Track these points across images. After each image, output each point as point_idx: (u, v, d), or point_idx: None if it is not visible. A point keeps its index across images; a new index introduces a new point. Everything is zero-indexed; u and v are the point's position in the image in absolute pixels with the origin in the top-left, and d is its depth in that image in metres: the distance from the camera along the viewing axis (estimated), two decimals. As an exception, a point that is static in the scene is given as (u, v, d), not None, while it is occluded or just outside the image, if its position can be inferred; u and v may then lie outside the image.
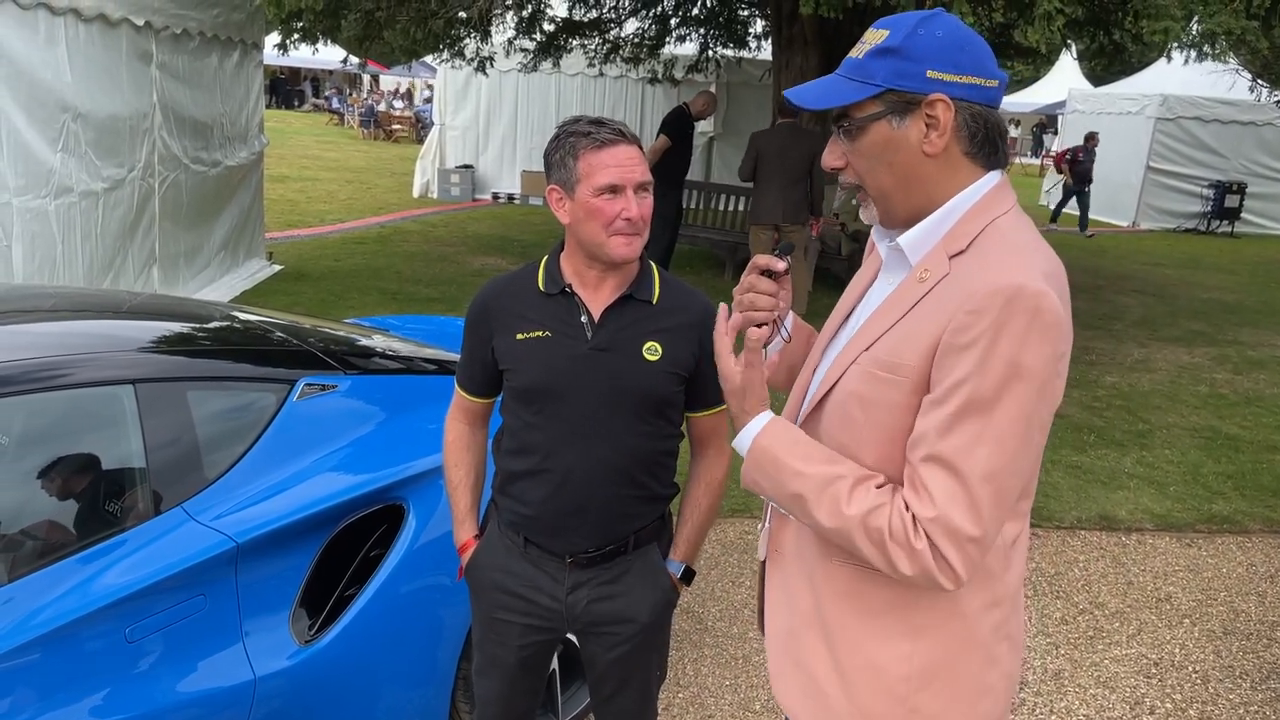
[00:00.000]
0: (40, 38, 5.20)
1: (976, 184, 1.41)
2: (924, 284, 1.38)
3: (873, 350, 1.41)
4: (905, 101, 1.37)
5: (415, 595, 2.47)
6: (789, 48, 9.13)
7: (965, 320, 1.28)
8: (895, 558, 1.32)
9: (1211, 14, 6.01)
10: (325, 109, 33.29)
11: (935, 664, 1.45)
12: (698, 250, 11.03)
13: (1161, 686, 3.49)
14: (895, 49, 1.36)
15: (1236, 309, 10.35)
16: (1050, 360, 1.28)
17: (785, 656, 1.59)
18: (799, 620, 1.55)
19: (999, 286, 1.27)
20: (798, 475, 1.41)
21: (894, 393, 1.37)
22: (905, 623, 1.45)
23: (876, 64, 1.37)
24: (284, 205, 12.76)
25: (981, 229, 1.38)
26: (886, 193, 1.43)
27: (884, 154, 1.40)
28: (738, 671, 3.40)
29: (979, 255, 1.35)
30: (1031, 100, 27.25)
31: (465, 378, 2.07)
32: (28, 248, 5.20)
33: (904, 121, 1.37)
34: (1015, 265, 1.30)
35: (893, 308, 1.42)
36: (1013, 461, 1.30)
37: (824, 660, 1.51)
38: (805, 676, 1.54)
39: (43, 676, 1.91)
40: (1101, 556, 4.48)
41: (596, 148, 1.82)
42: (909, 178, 1.40)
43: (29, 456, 2.13)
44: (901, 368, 1.36)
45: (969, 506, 1.29)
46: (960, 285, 1.33)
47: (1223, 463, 5.75)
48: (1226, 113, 16.31)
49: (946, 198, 1.40)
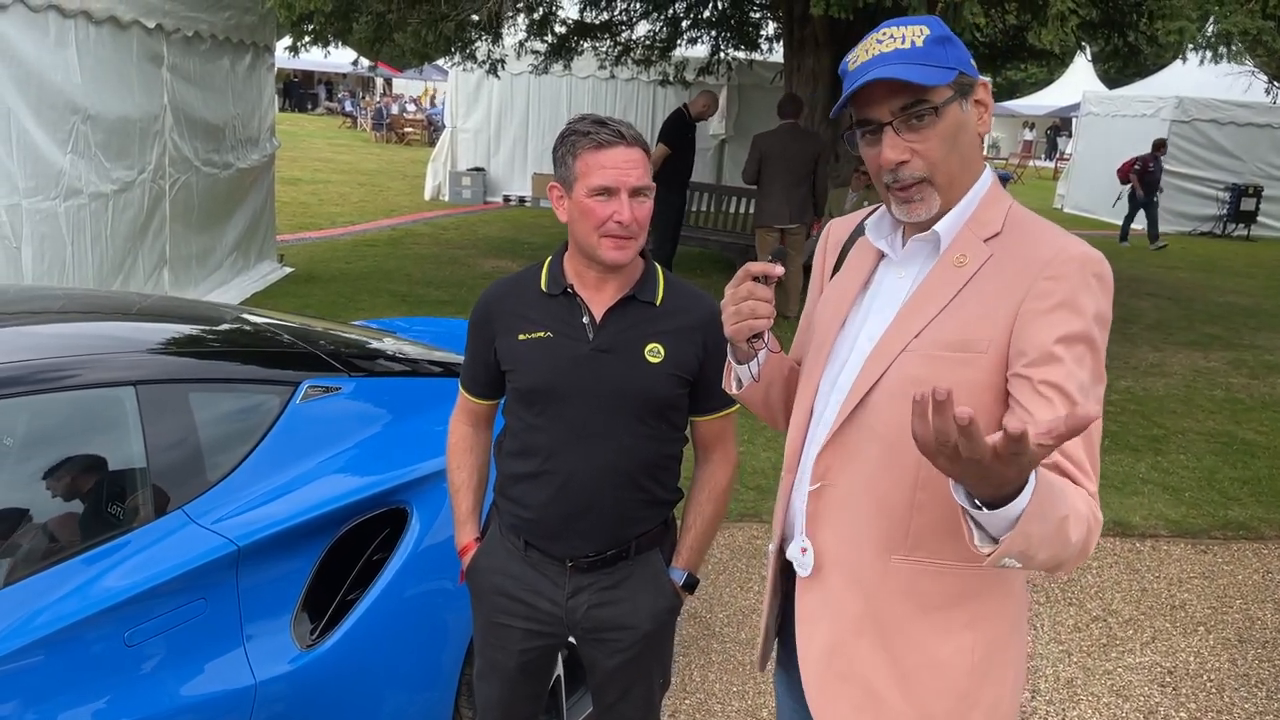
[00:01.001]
0: (50, 39, 5.22)
1: (986, 172, 1.50)
2: (963, 268, 1.43)
3: (926, 336, 1.43)
4: (968, 85, 1.44)
5: (418, 599, 2.44)
6: (800, 50, 9.10)
7: (1047, 286, 1.36)
8: (1094, 538, 1.31)
9: (1227, 14, 5.96)
10: (338, 112, 33.40)
11: (993, 651, 1.47)
12: (708, 253, 11.00)
13: (1176, 695, 3.44)
14: (950, 38, 1.43)
15: (1253, 313, 10.25)
16: (1109, 318, 1.41)
17: (830, 674, 1.53)
18: (845, 630, 1.51)
19: (1071, 254, 1.38)
20: (1055, 491, 1.21)
21: (968, 370, 1.39)
22: (967, 613, 1.46)
23: (942, 51, 1.43)
24: (296, 208, 12.80)
25: (1005, 213, 1.46)
26: (954, 177, 1.46)
27: (957, 136, 1.45)
28: (744, 678, 3.37)
29: (1023, 234, 1.43)
30: (1045, 103, 27.15)
31: (469, 379, 2.06)
32: (37, 249, 5.21)
33: (967, 104, 1.45)
34: (1067, 238, 1.41)
35: (933, 294, 1.44)
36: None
37: (880, 666, 1.49)
38: (857, 689, 1.50)
39: (41, 680, 1.89)
40: (1115, 563, 4.43)
41: (595, 148, 1.79)
42: (969, 159, 1.47)
43: (29, 458, 2.12)
44: (976, 343, 1.39)
45: (1094, 465, 1.36)
46: (1024, 259, 1.39)
47: (1239, 468, 5.69)
48: (1242, 115, 16.20)
49: (974, 182, 1.48)
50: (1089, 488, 1.32)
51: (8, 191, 4.96)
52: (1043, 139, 33.85)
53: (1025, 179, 25.70)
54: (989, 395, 1.38)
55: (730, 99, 14.71)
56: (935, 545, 1.44)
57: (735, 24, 11.42)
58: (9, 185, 4.97)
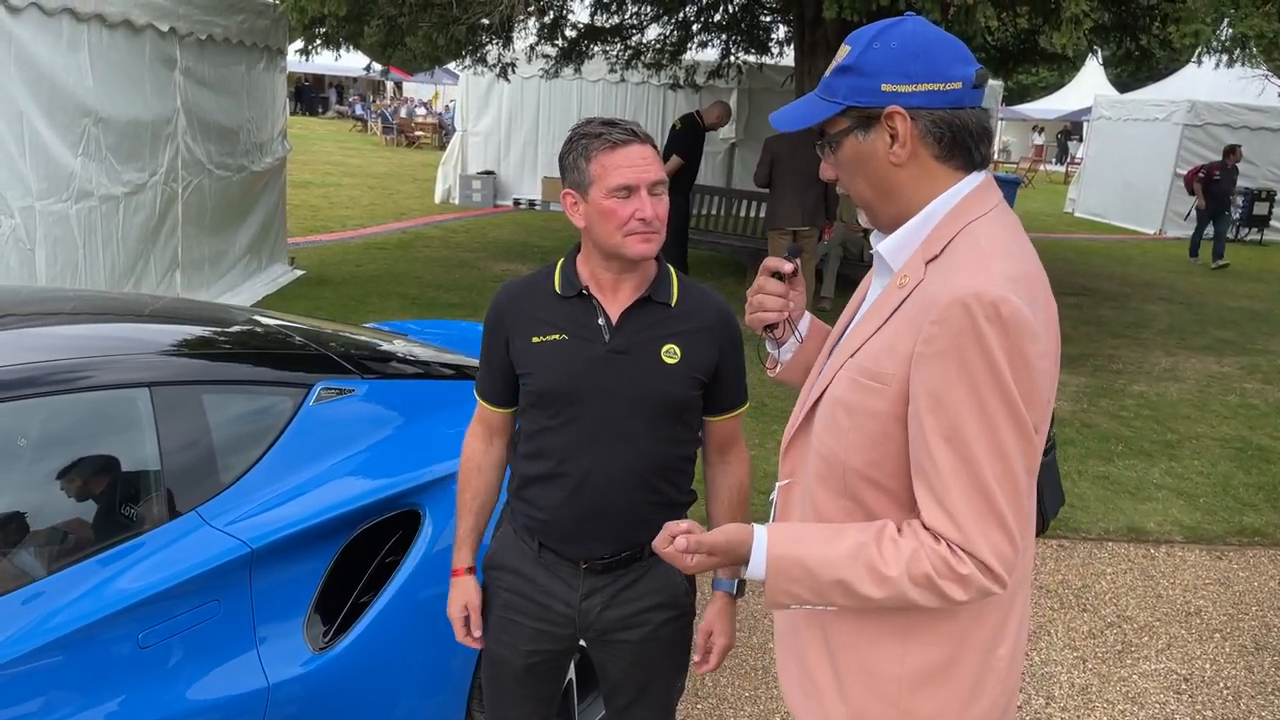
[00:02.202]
0: (63, 43, 5.24)
1: (954, 188, 1.42)
2: (903, 290, 1.40)
3: (857, 357, 1.43)
4: (866, 116, 1.40)
5: (431, 602, 2.43)
6: (811, 53, 9.08)
7: (931, 331, 1.31)
8: (950, 592, 1.33)
9: (1243, 17, 5.92)
10: (349, 115, 33.51)
11: (929, 665, 1.46)
12: (718, 257, 10.99)
13: (1192, 703, 3.42)
14: (851, 66, 1.40)
15: (1266, 318, 10.19)
16: (1018, 359, 1.29)
17: (790, 654, 1.62)
18: (801, 618, 1.58)
19: (957, 295, 1.29)
20: (827, 562, 1.38)
21: (877, 400, 1.38)
22: (895, 624, 1.46)
23: (838, 82, 1.43)
24: (307, 211, 12.83)
25: (956, 233, 1.39)
26: (868, 202, 1.47)
27: (858, 167, 1.44)
28: (757, 683, 3.35)
29: (949, 261, 1.37)
30: (1057, 107, 27.09)
31: (485, 386, 2.03)
32: (50, 251, 5.23)
33: (869, 135, 1.41)
34: (977, 271, 1.31)
35: (875, 314, 1.44)
36: (1013, 458, 1.31)
37: (822, 659, 1.53)
38: (805, 675, 1.57)
39: (56, 681, 1.89)
40: (1130, 569, 4.40)
41: (609, 148, 1.78)
42: (883, 187, 1.44)
43: (44, 459, 2.12)
44: (883, 375, 1.38)
45: (990, 513, 1.31)
46: (929, 293, 1.35)
47: (1254, 474, 5.65)
48: (1255, 119, 16.10)
49: (924, 203, 1.42)
50: (952, 535, 1.31)
51: (21, 194, 4.98)
52: (1053, 143, 33.77)
53: (1036, 183, 25.62)
54: (896, 426, 1.37)
55: (741, 103, 14.70)
56: None
57: (746, 27, 11.41)
58: (22, 188, 4.99)
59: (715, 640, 2.01)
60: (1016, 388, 1.29)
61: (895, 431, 1.38)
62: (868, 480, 1.42)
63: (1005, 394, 1.29)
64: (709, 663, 2.00)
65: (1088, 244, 14.78)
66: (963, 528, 1.31)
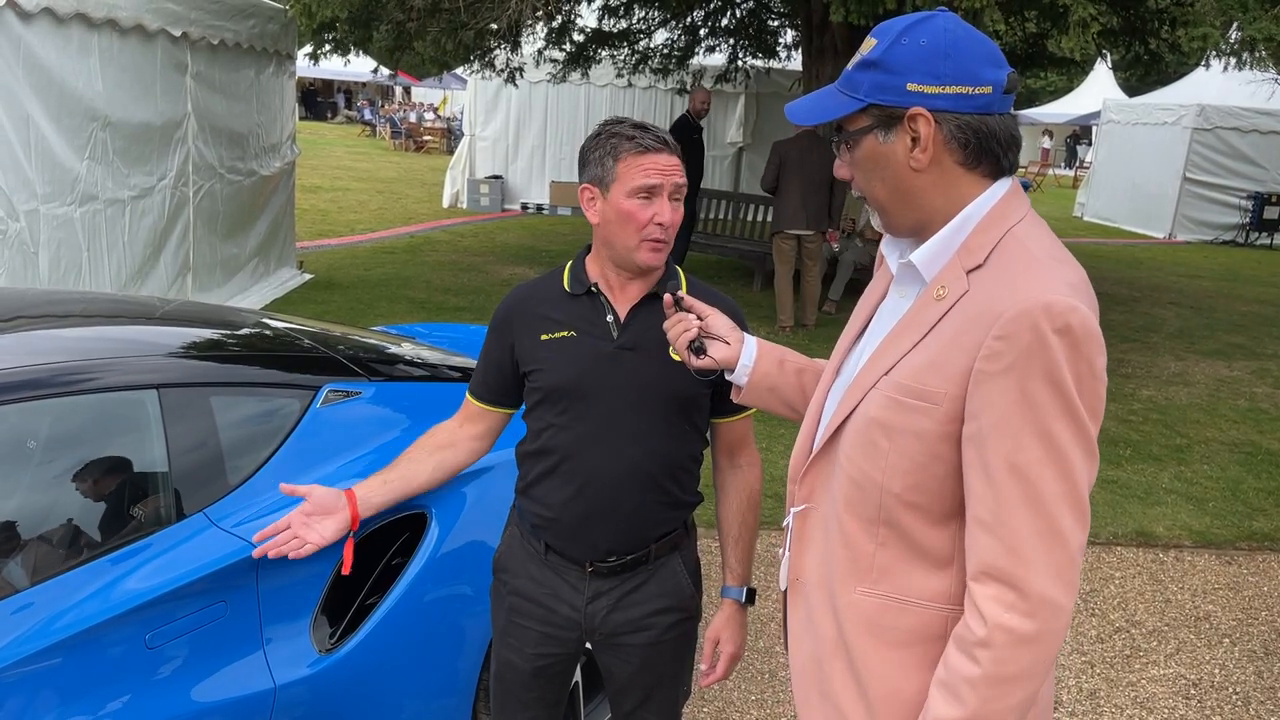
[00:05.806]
0: (74, 47, 5.26)
1: (986, 194, 1.35)
2: (942, 302, 1.32)
3: (894, 374, 1.35)
4: (889, 116, 1.33)
5: (437, 604, 2.44)
6: (819, 58, 9.09)
7: (995, 346, 1.23)
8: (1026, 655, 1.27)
9: (1252, 20, 5.91)
10: (357, 120, 33.60)
11: None
12: (726, 261, 10.99)
13: (1201, 708, 3.40)
14: (876, 61, 1.32)
15: (1276, 322, 10.15)
16: (1086, 373, 1.22)
17: (811, 687, 1.53)
18: (824, 649, 1.49)
19: (1025, 308, 1.22)
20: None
21: (924, 420, 1.31)
22: (929, 654, 1.39)
23: (861, 77, 1.35)
24: (315, 215, 12.87)
25: (997, 240, 1.32)
26: (884, 205, 1.40)
27: (875, 168, 1.37)
28: (763, 686, 3.34)
29: (999, 270, 1.29)
30: (1065, 111, 27.04)
31: (476, 381, 2.07)
32: (54, 255, 5.25)
33: (890, 136, 1.34)
34: (1039, 280, 1.24)
35: (910, 328, 1.36)
36: (1079, 481, 1.25)
37: (850, 691, 1.45)
38: (831, 708, 1.48)
39: (62, 682, 1.90)
40: (1139, 573, 4.38)
41: (640, 152, 1.80)
42: (902, 191, 1.37)
43: (52, 461, 2.12)
44: (932, 394, 1.30)
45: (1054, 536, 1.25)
46: (985, 305, 1.27)
47: (1263, 479, 5.62)
48: (1265, 123, 16.05)
49: (948, 210, 1.35)
50: (1006, 567, 1.25)
51: (26, 198, 5.00)
52: (1061, 147, 33.69)
53: (1044, 187, 25.57)
54: (946, 445, 1.31)
55: (748, 107, 14.72)
56: (898, 582, 1.40)
57: (753, 32, 11.42)
58: (27, 191, 5.01)
59: (723, 648, 2.00)
60: (1082, 402, 1.22)
61: (945, 451, 1.31)
62: (908, 505, 1.35)
63: (1073, 413, 1.23)
64: (716, 672, 1.99)
65: (1097, 248, 14.74)
66: (1023, 554, 1.24)
